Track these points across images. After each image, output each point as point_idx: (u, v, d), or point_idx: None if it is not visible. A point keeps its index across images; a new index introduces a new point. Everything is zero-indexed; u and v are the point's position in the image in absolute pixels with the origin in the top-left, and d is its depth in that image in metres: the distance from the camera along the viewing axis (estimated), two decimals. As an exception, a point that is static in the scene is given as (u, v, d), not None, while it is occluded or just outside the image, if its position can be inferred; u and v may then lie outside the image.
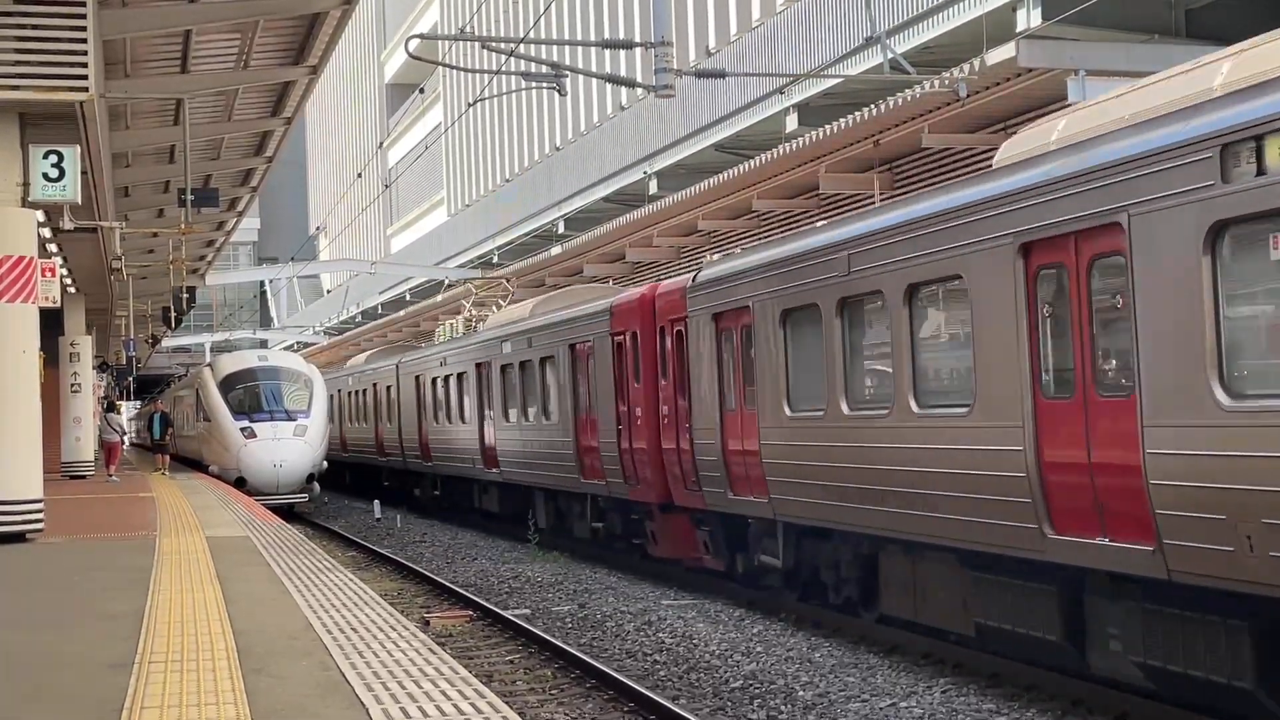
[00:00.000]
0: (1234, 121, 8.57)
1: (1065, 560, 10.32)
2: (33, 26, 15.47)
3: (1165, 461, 9.14)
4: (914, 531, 12.33)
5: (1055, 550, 10.37)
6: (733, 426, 16.07)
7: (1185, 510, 8.97)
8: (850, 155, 23.67)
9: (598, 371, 20.62)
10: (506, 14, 59.29)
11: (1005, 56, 18.91)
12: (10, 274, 16.29)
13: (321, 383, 35.71)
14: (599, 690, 12.25)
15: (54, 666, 8.45)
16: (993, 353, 10.98)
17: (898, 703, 11.38)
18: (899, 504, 12.44)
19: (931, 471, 11.88)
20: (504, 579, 20.42)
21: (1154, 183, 9.18)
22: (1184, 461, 8.98)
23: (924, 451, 12.01)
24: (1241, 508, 8.49)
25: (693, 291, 17.19)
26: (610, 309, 20.06)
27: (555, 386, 22.75)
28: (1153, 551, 9.30)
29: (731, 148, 35.08)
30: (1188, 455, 8.95)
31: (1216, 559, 8.76)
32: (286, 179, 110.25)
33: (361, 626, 9.69)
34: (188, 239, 31.75)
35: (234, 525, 18.89)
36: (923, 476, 12.01)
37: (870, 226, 12.98)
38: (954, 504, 11.58)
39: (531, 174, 55.79)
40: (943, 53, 24.57)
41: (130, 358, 45.54)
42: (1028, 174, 10.61)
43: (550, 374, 23.11)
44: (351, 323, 75.45)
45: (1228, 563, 8.66)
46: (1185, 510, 8.97)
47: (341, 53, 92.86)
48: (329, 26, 19.47)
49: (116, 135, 22.60)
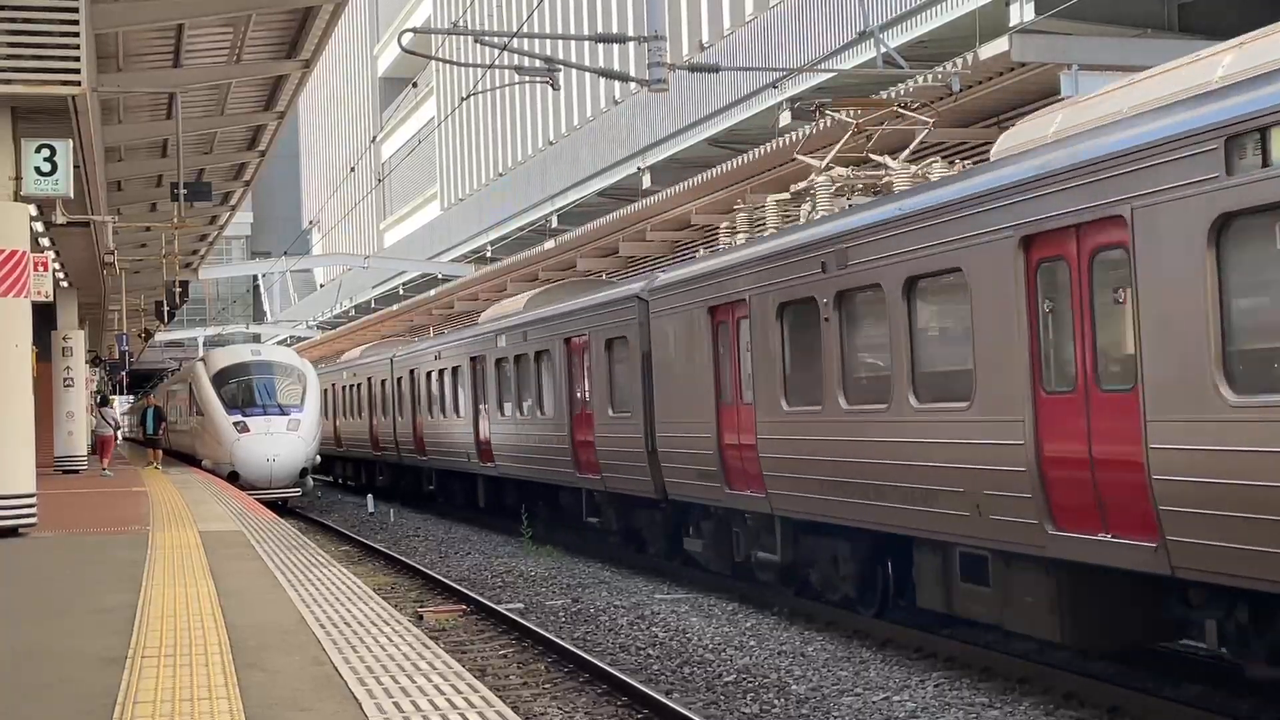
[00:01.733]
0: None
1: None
2: (25, 20, 15.44)
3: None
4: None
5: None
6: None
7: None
8: (844, 150, 23.63)
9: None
10: (499, 8, 59.24)
11: (998, 51, 18.93)
12: (2, 268, 16.27)
13: (315, 377, 35.70)
14: (592, 684, 12.26)
15: (46, 661, 8.45)
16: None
17: (890, 696, 11.40)
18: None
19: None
20: (497, 573, 20.43)
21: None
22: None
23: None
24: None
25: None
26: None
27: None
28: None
29: (725, 142, 35.08)
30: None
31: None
32: (279, 173, 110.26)
33: (355, 621, 9.69)
34: (180, 233, 31.76)
35: (227, 519, 18.88)
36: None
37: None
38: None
39: (525, 168, 55.75)
40: (936, 47, 24.59)
41: (123, 352, 45.50)
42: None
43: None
44: (345, 317, 75.38)
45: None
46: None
47: (334, 47, 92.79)
48: (322, 20, 19.45)
49: (109, 129, 22.58)
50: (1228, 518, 8.58)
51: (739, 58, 34.51)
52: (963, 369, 11.43)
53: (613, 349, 19.98)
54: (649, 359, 18.43)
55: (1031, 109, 19.42)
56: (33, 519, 16.89)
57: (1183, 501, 8.93)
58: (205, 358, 37.46)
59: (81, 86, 15.52)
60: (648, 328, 18.43)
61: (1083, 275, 9.94)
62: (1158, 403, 9.12)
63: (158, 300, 37.25)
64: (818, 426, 13.80)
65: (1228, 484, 8.57)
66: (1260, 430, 8.31)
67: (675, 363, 17.47)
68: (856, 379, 13.28)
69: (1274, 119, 8.17)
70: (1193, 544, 8.89)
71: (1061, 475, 10.19)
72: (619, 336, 19.59)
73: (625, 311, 19.29)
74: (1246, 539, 8.45)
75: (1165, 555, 9.14)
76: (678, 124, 38.32)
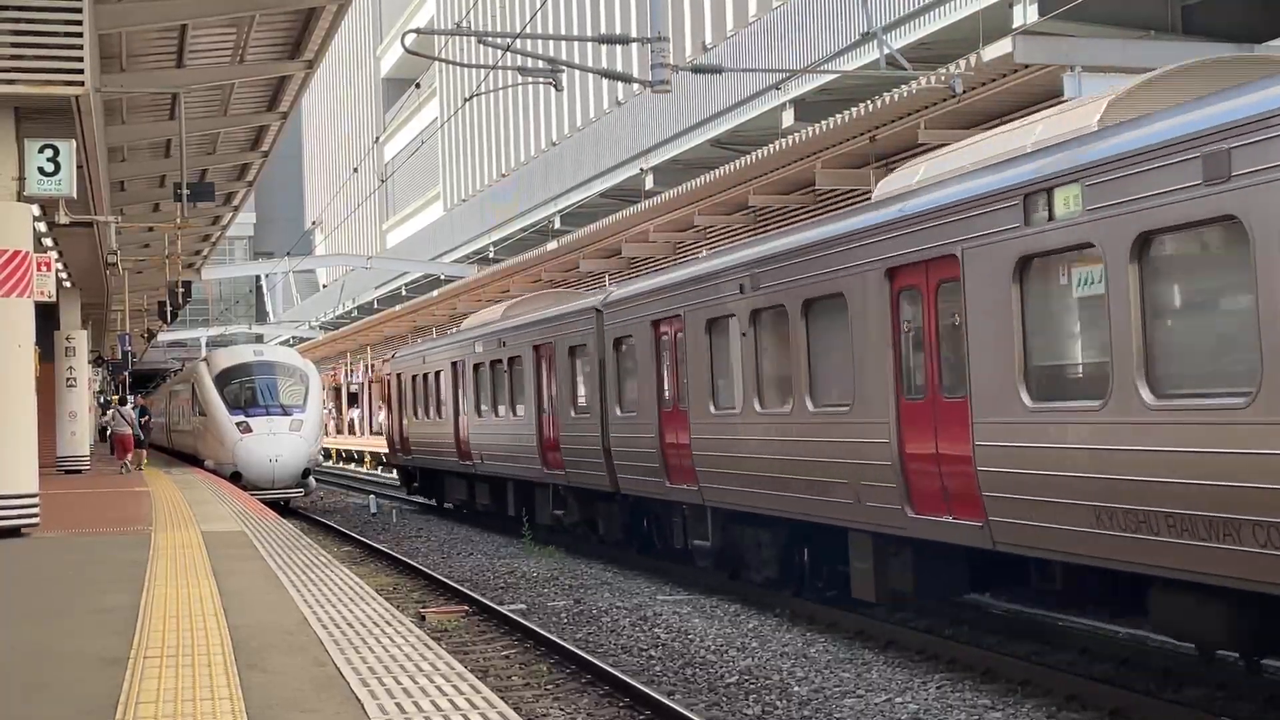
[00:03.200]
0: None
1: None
2: (28, 20, 15.45)
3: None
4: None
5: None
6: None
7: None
8: (846, 151, 23.66)
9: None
10: (503, 8, 59.25)
11: (1001, 52, 18.91)
12: (6, 268, 16.28)
13: (317, 377, 35.70)
14: (594, 685, 12.26)
15: (48, 661, 8.45)
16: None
17: (893, 698, 11.40)
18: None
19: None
20: (499, 574, 20.43)
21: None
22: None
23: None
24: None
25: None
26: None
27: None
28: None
29: (728, 143, 35.10)
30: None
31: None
32: (282, 174, 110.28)
33: (357, 621, 9.69)
34: (183, 234, 31.79)
35: (229, 520, 18.89)
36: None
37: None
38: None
39: (528, 169, 55.77)
40: (939, 49, 24.62)
41: (126, 352, 45.50)
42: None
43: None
44: (347, 318, 75.41)
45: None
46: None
47: (337, 47, 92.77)
48: (325, 21, 19.47)
49: (112, 130, 22.60)
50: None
51: (742, 59, 34.53)
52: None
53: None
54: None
55: (1034, 110, 19.41)
56: (35, 519, 16.89)
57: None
58: (208, 358, 37.46)
59: (85, 87, 15.53)
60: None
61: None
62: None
63: (160, 300, 37.25)
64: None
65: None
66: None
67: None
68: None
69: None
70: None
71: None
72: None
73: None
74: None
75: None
76: (680, 125, 38.35)
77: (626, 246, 34.72)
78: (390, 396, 36.16)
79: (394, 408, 35.24)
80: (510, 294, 44.40)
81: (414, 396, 32.53)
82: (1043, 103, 19.54)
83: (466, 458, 27.70)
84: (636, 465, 18.93)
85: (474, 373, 27.05)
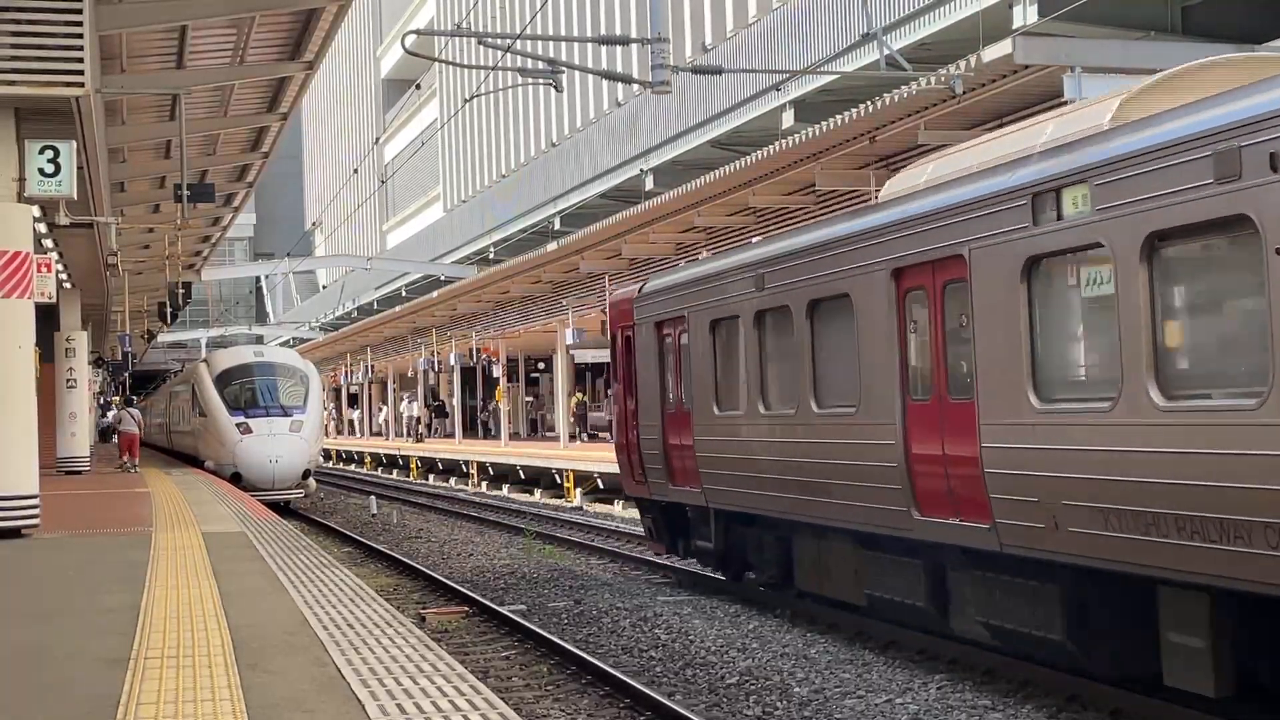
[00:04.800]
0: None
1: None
2: (29, 21, 15.45)
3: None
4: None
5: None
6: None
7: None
8: (846, 152, 23.66)
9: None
10: (503, 9, 59.28)
11: (1002, 53, 18.91)
12: (6, 269, 16.27)
13: (317, 378, 35.66)
14: (595, 686, 12.25)
15: (49, 662, 8.45)
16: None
17: (893, 699, 11.39)
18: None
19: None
20: (500, 575, 20.42)
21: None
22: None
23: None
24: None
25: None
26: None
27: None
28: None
29: (728, 144, 35.11)
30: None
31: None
32: (282, 174, 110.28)
33: (357, 622, 9.69)
34: (183, 234, 31.82)
35: (230, 521, 18.88)
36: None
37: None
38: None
39: (528, 170, 55.79)
40: (939, 49, 24.62)
41: (126, 353, 45.53)
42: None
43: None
44: (348, 318, 75.43)
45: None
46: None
47: (337, 48, 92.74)
48: (325, 22, 19.47)
49: (112, 130, 22.60)
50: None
51: (742, 60, 34.54)
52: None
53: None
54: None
55: (1034, 111, 19.42)
56: (35, 520, 16.88)
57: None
58: (208, 359, 37.45)
59: (85, 88, 15.53)
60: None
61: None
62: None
63: (160, 301, 37.26)
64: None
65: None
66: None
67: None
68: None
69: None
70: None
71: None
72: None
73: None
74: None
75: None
76: (681, 126, 38.36)
77: (627, 247, 34.71)
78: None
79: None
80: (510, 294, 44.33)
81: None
82: (1043, 104, 19.55)
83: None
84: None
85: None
